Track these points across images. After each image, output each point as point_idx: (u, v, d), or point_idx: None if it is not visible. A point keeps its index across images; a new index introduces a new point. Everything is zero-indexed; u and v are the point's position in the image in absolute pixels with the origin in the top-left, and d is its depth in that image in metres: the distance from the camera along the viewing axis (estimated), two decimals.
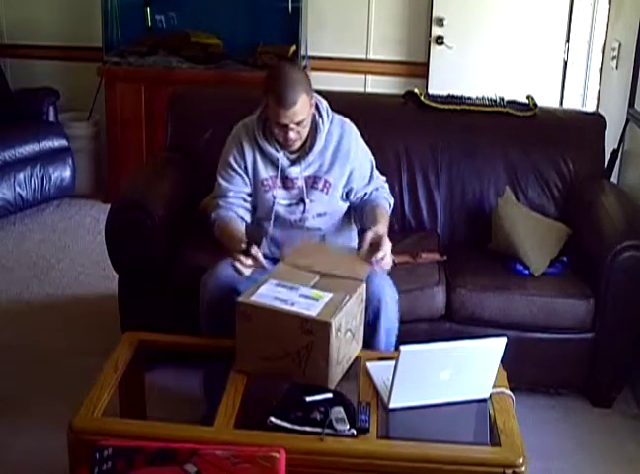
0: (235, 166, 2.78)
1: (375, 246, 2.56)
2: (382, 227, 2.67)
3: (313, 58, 5.03)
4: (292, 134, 2.64)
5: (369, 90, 5.09)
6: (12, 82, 5.14)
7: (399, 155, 3.43)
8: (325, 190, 2.78)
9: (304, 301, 2.32)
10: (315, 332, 2.26)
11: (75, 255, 4.33)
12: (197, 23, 5.03)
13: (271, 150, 2.74)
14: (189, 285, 2.83)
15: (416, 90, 3.59)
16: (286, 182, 2.77)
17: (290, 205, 2.79)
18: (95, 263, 4.16)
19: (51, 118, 4.94)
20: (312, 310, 2.28)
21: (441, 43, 4.92)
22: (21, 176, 4.63)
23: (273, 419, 2.16)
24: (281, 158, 2.75)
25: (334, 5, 5.06)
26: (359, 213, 2.86)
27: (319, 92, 2.79)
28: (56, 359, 3.29)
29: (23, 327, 3.56)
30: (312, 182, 2.77)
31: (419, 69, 5.02)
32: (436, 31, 4.91)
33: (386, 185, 2.93)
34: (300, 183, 2.76)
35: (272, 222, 2.80)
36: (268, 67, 4.83)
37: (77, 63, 5.24)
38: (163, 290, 3.05)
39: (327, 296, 2.33)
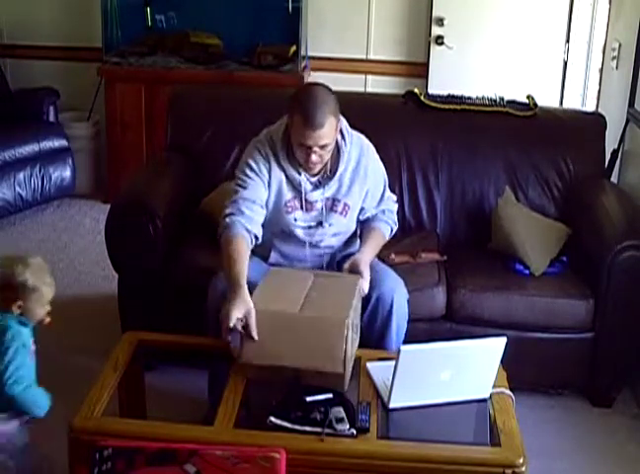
0: (257, 170, 2.65)
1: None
2: (367, 255, 2.66)
3: (313, 58, 5.03)
4: (315, 157, 2.56)
5: (369, 90, 5.09)
6: (12, 82, 5.14)
7: (399, 155, 3.43)
8: (344, 213, 2.74)
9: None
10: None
11: (75, 255, 4.33)
12: (197, 23, 5.03)
13: (294, 173, 2.67)
14: (189, 285, 2.83)
15: (416, 90, 3.59)
16: (306, 205, 2.70)
17: (309, 228, 2.73)
18: (95, 263, 4.16)
19: (51, 118, 4.94)
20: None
21: (441, 43, 4.91)
22: (21, 176, 4.63)
23: (273, 419, 2.16)
24: (304, 182, 2.67)
25: (334, 5, 5.06)
26: (359, 232, 2.85)
27: None
28: (56, 359, 3.28)
29: None
30: (331, 204, 2.72)
31: (419, 69, 5.02)
32: (436, 31, 4.91)
33: (395, 206, 2.90)
34: (320, 206, 2.71)
35: (292, 240, 2.74)
36: (268, 67, 4.85)
37: (77, 63, 5.24)
38: (163, 290, 3.05)
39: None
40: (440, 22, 4.88)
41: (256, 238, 2.63)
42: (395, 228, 2.88)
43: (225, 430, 2.15)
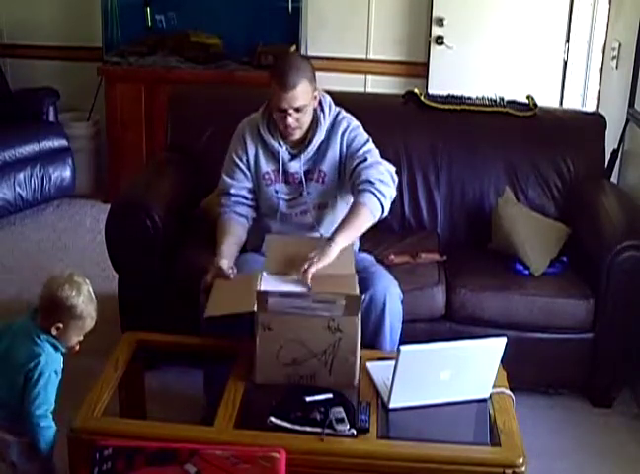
0: (238, 161, 2.81)
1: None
2: (337, 236, 2.57)
3: (313, 58, 5.00)
4: (291, 120, 2.66)
5: (369, 90, 5.08)
6: (12, 82, 5.14)
7: (399, 155, 3.43)
8: (320, 180, 2.79)
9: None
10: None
11: (75, 255, 4.32)
12: (197, 23, 5.03)
13: (273, 143, 2.77)
14: (189, 285, 2.83)
15: (416, 90, 3.59)
16: (287, 176, 2.79)
17: (291, 200, 2.81)
18: (95, 263, 4.15)
19: (51, 118, 4.94)
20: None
21: (441, 43, 4.91)
22: (21, 176, 4.63)
23: (273, 419, 2.16)
24: (282, 152, 2.77)
25: (334, 5, 5.06)
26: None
27: None
28: None
29: None
30: (310, 174, 2.79)
31: (419, 69, 5.02)
32: (436, 31, 4.91)
33: (387, 176, 2.71)
34: (299, 177, 2.78)
35: (278, 216, 2.81)
36: (268, 67, 4.85)
37: (77, 63, 5.24)
38: (163, 290, 3.05)
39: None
40: (440, 22, 4.88)
41: (247, 217, 2.83)
42: (384, 207, 2.67)
43: (225, 430, 2.16)
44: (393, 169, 2.78)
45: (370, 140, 2.82)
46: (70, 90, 5.20)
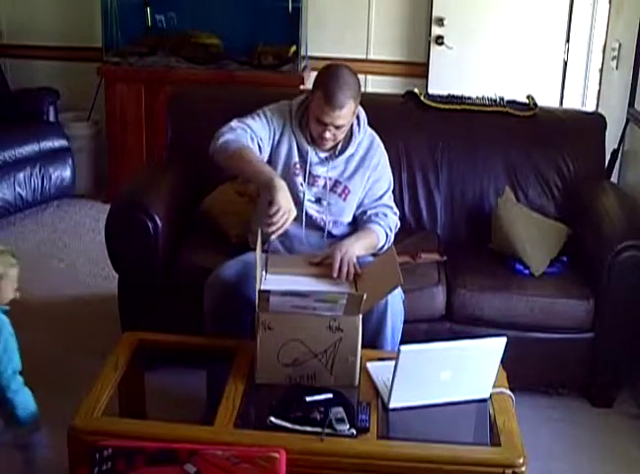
0: (269, 120, 2.74)
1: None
2: (353, 242, 2.62)
3: (313, 58, 5.03)
4: (328, 134, 2.65)
5: (369, 90, 5.08)
6: (12, 82, 5.14)
7: (399, 155, 3.43)
8: (343, 196, 2.77)
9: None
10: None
11: (75, 255, 4.32)
12: (197, 23, 5.03)
13: (304, 142, 2.75)
14: (189, 286, 2.83)
15: (416, 90, 3.59)
16: (309, 178, 2.76)
17: (309, 201, 2.77)
18: (95, 263, 4.16)
19: (51, 118, 4.94)
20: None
21: (441, 43, 4.92)
22: (21, 176, 4.63)
23: (273, 419, 2.16)
24: (311, 153, 2.75)
25: (334, 5, 5.07)
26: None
27: None
28: (56, 360, 3.29)
29: (23, 327, 3.55)
30: (333, 185, 2.76)
31: (419, 69, 5.02)
32: (436, 31, 4.91)
33: (395, 219, 2.83)
34: (322, 183, 2.76)
35: (304, 209, 2.73)
36: (268, 67, 4.85)
37: (77, 63, 5.24)
38: (163, 290, 3.04)
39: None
40: (440, 22, 4.88)
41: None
42: (389, 239, 2.79)
43: (225, 430, 2.15)
44: (397, 216, 2.87)
45: (391, 180, 2.87)
46: (70, 90, 5.20)
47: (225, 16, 5.00)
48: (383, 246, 2.77)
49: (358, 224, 2.82)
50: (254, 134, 2.69)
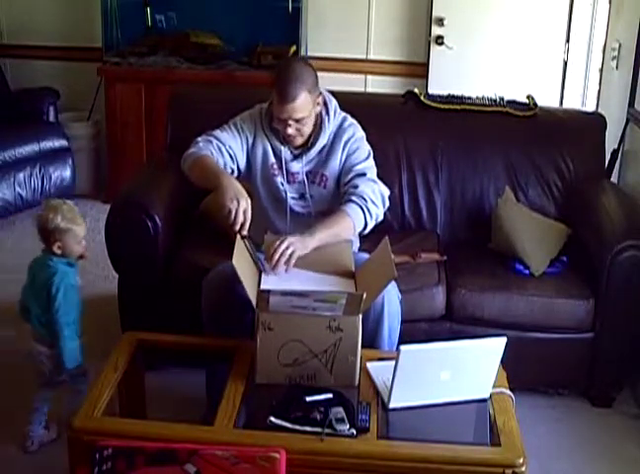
0: (241, 129, 2.78)
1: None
2: (316, 232, 2.57)
3: (313, 58, 5.02)
4: (290, 130, 2.66)
5: (369, 90, 5.09)
6: (12, 82, 5.14)
7: (399, 155, 3.43)
8: (322, 184, 2.79)
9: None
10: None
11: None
12: (197, 23, 5.03)
13: (276, 142, 2.77)
14: (189, 285, 2.83)
15: (416, 90, 3.59)
16: (288, 176, 2.78)
17: (293, 199, 2.80)
18: (95, 263, 4.15)
19: (51, 118, 4.94)
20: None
21: (441, 43, 4.92)
22: (21, 176, 4.63)
23: (273, 419, 2.16)
24: (284, 151, 2.77)
25: (334, 5, 5.07)
26: None
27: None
28: None
29: (22, 327, 3.55)
30: (312, 177, 2.79)
31: (419, 69, 5.02)
32: (436, 31, 4.91)
33: (377, 196, 2.70)
34: (301, 178, 2.78)
35: (287, 208, 2.76)
36: (268, 67, 4.85)
37: (77, 63, 5.25)
38: (163, 290, 3.05)
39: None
40: (440, 22, 4.88)
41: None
42: (370, 218, 2.67)
43: (225, 430, 2.15)
44: (387, 193, 2.78)
45: (371, 156, 2.81)
46: (70, 90, 5.21)
47: (225, 16, 5.00)
48: (365, 226, 2.68)
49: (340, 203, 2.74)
50: (221, 144, 2.73)
